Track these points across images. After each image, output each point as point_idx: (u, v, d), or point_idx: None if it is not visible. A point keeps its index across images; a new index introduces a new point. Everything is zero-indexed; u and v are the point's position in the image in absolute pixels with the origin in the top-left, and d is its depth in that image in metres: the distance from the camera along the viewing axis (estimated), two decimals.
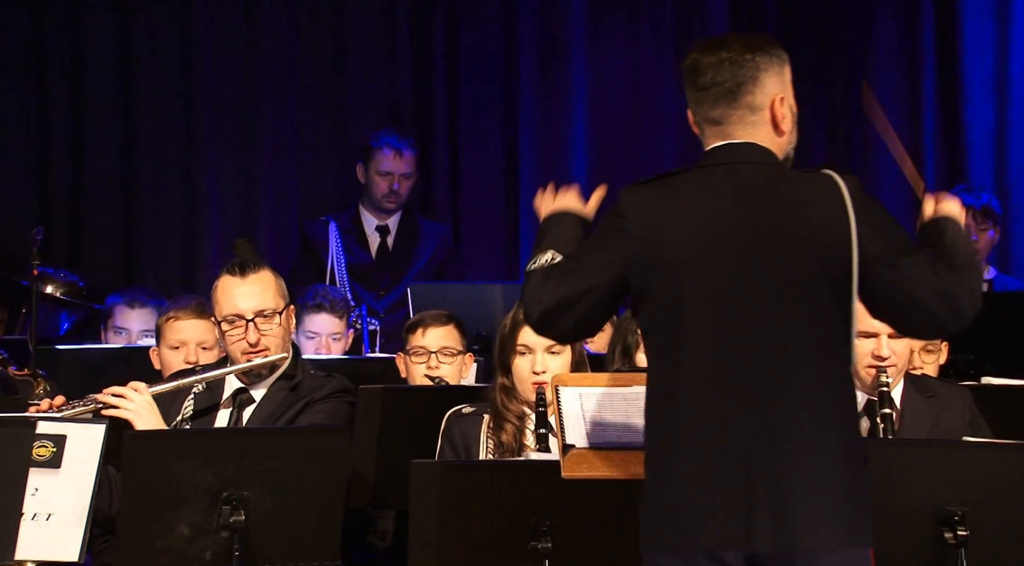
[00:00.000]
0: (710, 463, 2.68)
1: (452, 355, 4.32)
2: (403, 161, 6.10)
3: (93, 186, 6.18)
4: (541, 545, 3.38)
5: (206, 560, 3.39)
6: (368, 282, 6.00)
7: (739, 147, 2.78)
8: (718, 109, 2.79)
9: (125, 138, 6.22)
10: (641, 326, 2.83)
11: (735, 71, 2.77)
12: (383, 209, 6.15)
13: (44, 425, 3.34)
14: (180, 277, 6.17)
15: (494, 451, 3.77)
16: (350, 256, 5.92)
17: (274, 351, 3.79)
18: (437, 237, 6.24)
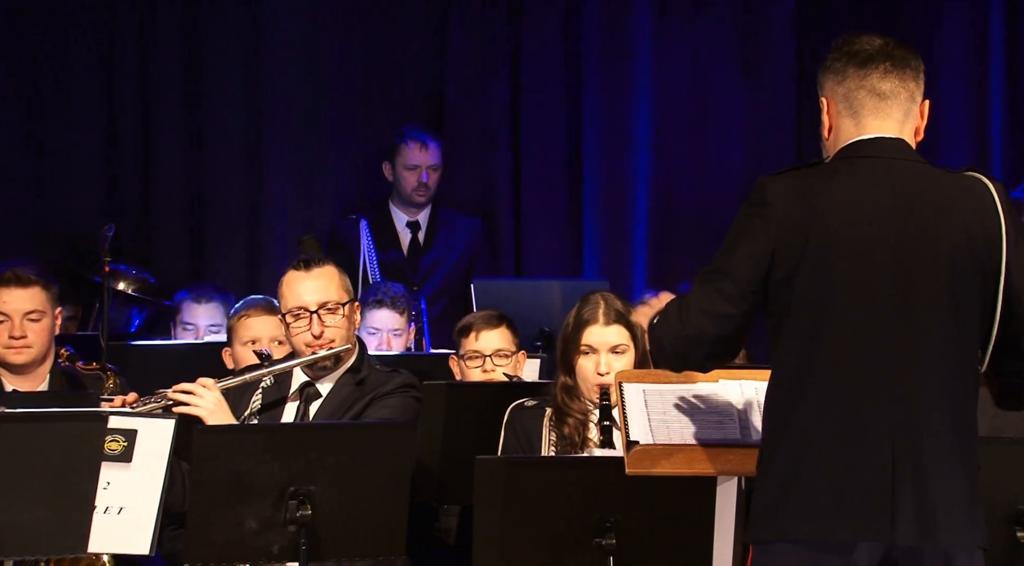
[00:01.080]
0: (853, 454, 2.64)
1: (506, 357, 4.34)
2: (429, 153, 6.11)
3: (162, 185, 6.27)
4: (605, 541, 3.38)
5: (273, 554, 3.43)
6: (400, 278, 6.03)
7: (890, 142, 2.74)
8: (887, 82, 2.72)
9: (192, 138, 6.30)
10: (774, 315, 2.73)
11: (907, 55, 2.76)
12: (413, 203, 6.16)
13: (115, 420, 3.39)
14: (246, 274, 6.24)
15: (556, 444, 3.77)
16: (382, 254, 5.95)
17: (338, 344, 3.83)
18: (468, 230, 6.24)
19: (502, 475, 3.45)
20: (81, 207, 6.15)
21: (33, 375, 4.23)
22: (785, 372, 2.72)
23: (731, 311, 2.70)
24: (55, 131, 6.17)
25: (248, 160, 6.34)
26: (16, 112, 6.13)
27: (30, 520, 3.17)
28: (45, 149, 6.16)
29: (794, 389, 2.70)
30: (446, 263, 6.14)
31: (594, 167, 6.53)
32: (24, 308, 4.18)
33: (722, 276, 2.72)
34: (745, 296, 2.70)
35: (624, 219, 6.55)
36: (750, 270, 2.70)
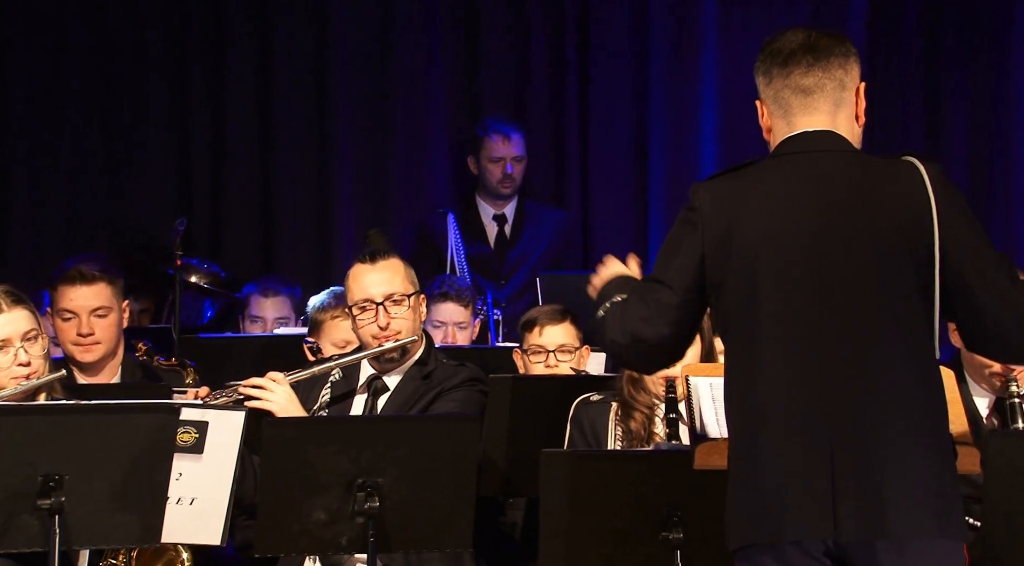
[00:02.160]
0: (793, 453, 2.63)
1: (569, 352, 4.34)
2: (512, 144, 6.11)
3: (232, 179, 6.33)
4: (673, 535, 3.37)
5: (342, 545, 3.46)
6: (488, 272, 6.04)
7: (816, 135, 2.73)
8: (810, 77, 2.72)
9: (262, 133, 6.36)
10: (716, 319, 2.77)
11: (830, 44, 2.73)
12: (499, 196, 6.17)
13: (187, 412, 3.44)
14: (315, 267, 6.30)
15: (622, 439, 3.77)
16: (469, 247, 5.96)
17: (404, 336, 3.85)
18: (555, 223, 6.24)
19: (568, 468, 3.45)
20: (153, 201, 6.23)
21: (104, 370, 4.28)
22: (730, 373, 2.71)
23: (668, 318, 2.72)
24: (128, 126, 6.26)
25: (317, 154, 6.38)
26: (91, 107, 6.23)
27: (105, 510, 3.23)
28: (118, 143, 6.25)
29: (741, 397, 2.69)
30: (532, 256, 6.14)
31: (660, 160, 6.50)
32: (90, 305, 4.21)
33: (658, 286, 2.74)
34: (681, 304, 2.72)
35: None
36: (684, 277, 2.72)
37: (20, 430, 3.18)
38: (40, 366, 3.52)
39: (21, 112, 6.16)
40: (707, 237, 2.70)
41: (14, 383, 3.48)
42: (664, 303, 2.73)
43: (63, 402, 3.48)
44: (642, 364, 2.88)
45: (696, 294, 2.72)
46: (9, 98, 6.15)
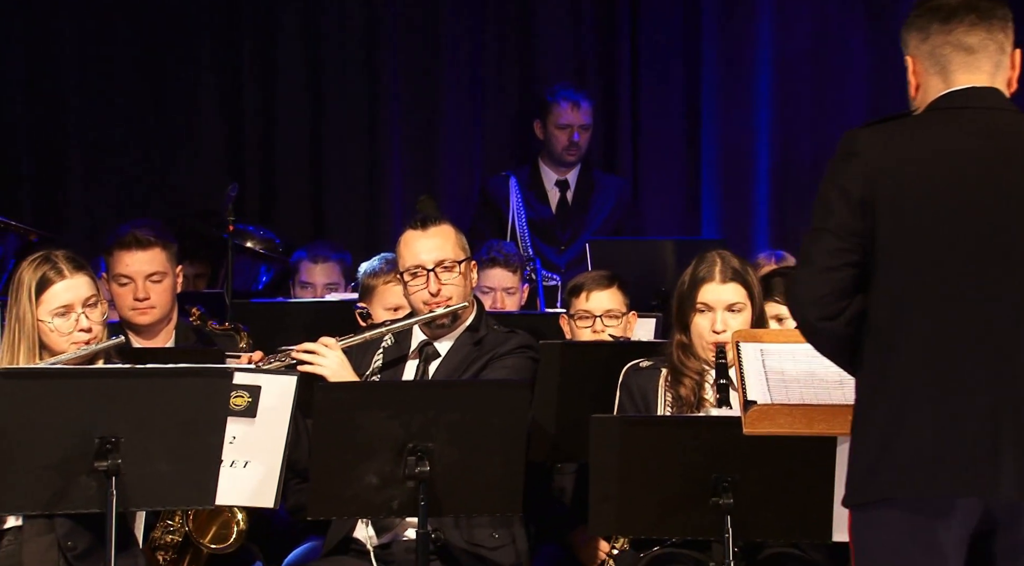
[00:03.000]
0: (953, 408, 2.58)
1: (616, 318, 4.33)
2: (580, 112, 6.10)
3: (283, 144, 6.37)
4: (723, 500, 3.37)
5: (393, 509, 3.49)
6: (549, 237, 6.03)
7: (981, 91, 2.68)
8: (973, 36, 2.66)
9: (313, 99, 6.38)
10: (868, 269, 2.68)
11: (992, 5, 2.69)
12: (563, 163, 6.16)
13: (240, 376, 3.47)
14: (365, 234, 6.32)
15: (672, 405, 3.76)
16: (530, 211, 5.96)
17: (455, 301, 3.86)
18: (616, 191, 6.22)
19: (617, 434, 3.46)
20: (205, 167, 6.28)
21: (159, 334, 4.33)
22: (876, 329, 2.65)
23: (834, 263, 2.64)
24: (180, 92, 6.31)
25: (367, 120, 6.40)
26: (143, 75, 6.27)
27: (160, 473, 3.27)
28: (171, 110, 6.30)
29: (886, 346, 2.64)
30: (594, 222, 6.14)
31: (712, 123, 6.45)
32: (146, 270, 4.25)
33: (823, 232, 2.67)
34: (850, 249, 2.65)
35: (743, 176, 6.47)
36: (848, 221, 2.65)
37: (78, 393, 3.23)
38: (100, 332, 3.56)
39: (75, 81, 6.22)
40: (869, 180, 2.64)
41: (74, 348, 3.52)
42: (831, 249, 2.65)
43: (119, 366, 3.52)
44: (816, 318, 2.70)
45: (862, 238, 2.65)
46: (63, 66, 6.21)
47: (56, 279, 3.52)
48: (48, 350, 3.52)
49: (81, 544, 3.45)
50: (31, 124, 6.18)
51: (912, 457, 2.60)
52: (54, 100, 6.20)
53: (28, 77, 6.16)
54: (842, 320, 2.66)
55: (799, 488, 3.36)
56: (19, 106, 6.15)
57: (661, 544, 3.69)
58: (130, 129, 6.26)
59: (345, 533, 3.79)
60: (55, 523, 3.45)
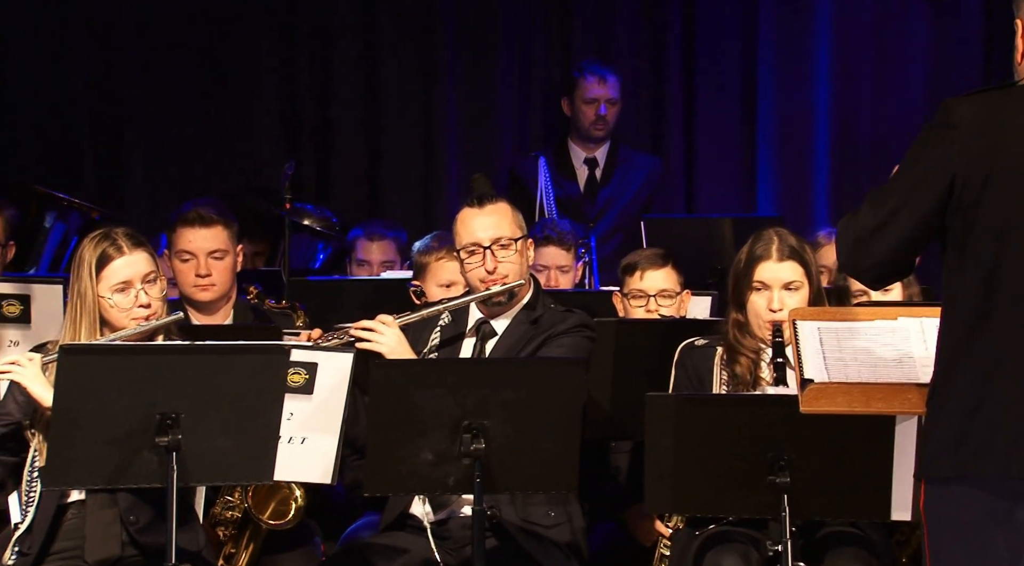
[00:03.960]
0: None
1: (670, 297, 4.31)
2: (607, 86, 6.07)
3: (339, 122, 6.40)
4: (780, 479, 3.36)
5: (449, 485, 3.50)
6: (577, 215, 6.01)
7: None
8: None
9: (368, 78, 6.40)
10: (952, 243, 2.62)
11: None
12: (591, 138, 6.14)
13: (297, 353, 3.50)
14: (420, 211, 6.34)
15: (728, 383, 3.75)
16: (559, 189, 5.95)
17: (512, 279, 3.87)
18: (646, 168, 6.19)
19: (673, 412, 3.45)
20: (263, 145, 6.33)
21: (218, 311, 4.37)
22: (965, 303, 2.61)
23: (899, 231, 2.61)
24: (238, 70, 6.35)
25: (423, 98, 6.41)
26: (203, 53, 6.32)
27: (219, 449, 3.30)
28: (228, 88, 6.35)
29: (975, 320, 2.59)
30: (621, 200, 6.12)
31: (769, 99, 6.39)
32: (208, 247, 4.31)
33: (893, 195, 2.62)
34: (916, 216, 2.61)
35: (801, 153, 6.40)
36: (925, 191, 2.60)
37: (139, 369, 3.26)
38: (159, 307, 3.59)
39: (136, 60, 6.28)
40: (964, 155, 2.58)
41: (134, 324, 3.55)
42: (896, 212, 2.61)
43: (180, 342, 3.55)
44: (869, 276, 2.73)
45: (933, 209, 2.60)
46: (124, 46, 6.27)
47: (116, 256, 3.56)
48: (109, 326, 3.56)
49: (143, 518, 3.50)
50: (93, 103, 6.25)
51: (994, 435, 2.55)
52: (115, 80, 6.27)
53: (90, 57, 6.24)
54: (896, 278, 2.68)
55: (857, 467, 3.34)
56: (81, 86, 6.23)
57: (717, 522, 3.68)
58: (189, 108, 6.31)
59: (402, 509, 3.82)
60: (118, 498, 3.50)
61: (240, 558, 3.91)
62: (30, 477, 3.50)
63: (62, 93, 6.20)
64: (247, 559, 3.91)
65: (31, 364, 3.43)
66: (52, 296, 3.79)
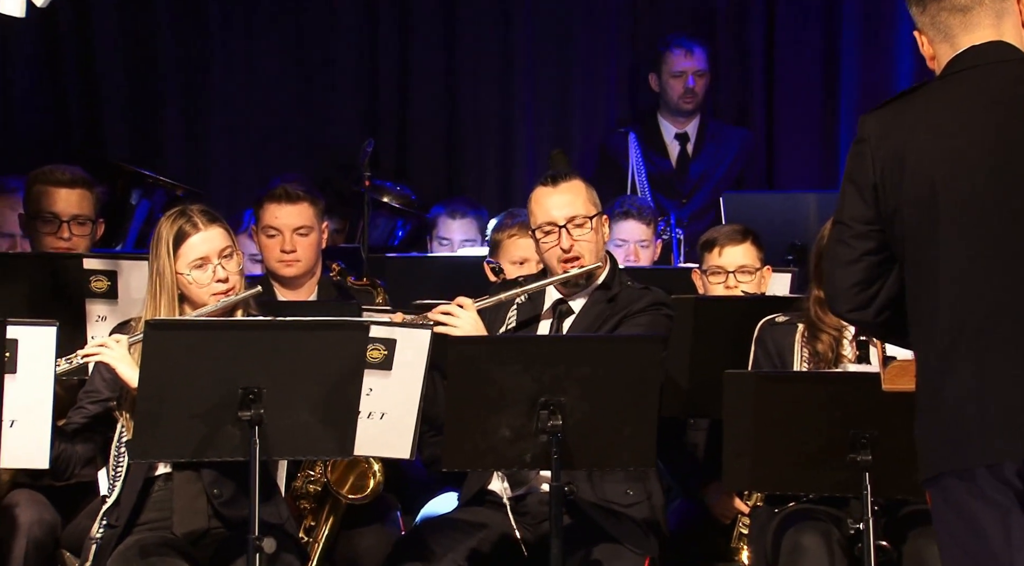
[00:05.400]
0: (981, 374, 2.53)
1: (750, 273, 4.27)
2: (694, 58, 6.01)
3: (418, 100, 6.43)
4: (861, 457, 3.33)
5: (526, 461, 3.51)
6: (670, 191, 5.98)
7: (983, 48, 2.60)
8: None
9: (447, 56, 6.42)
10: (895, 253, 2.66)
11: None
12: (681, 112, 6.09)
13: (376, 329, 3.51)
14: (498, 188, 6.35)
15: (809, 360, 3.71)
16: (651, 165, 5.91)
17: (587, 258, 3.84)
18: (738, 142, 6.13)
19: (752, 390, 3.43)
20: (343, 122, 6.37)
21: (302, 287, 4.42)
22: (912, 304, 2.61)
23: (852, 256, 2.64)
24: (319, 49, 6.41)
25: (501, 75, 6.41)
26: (283, 32, 6.38)
27: (300, 423, 3.34)
28: (309, 67, 6.40)
29: (923, 319, 2.59)
30: (714, 175, 6.07)
31: (852, 72, 6.29)
32: (294, 223, 4.35)
33: (840, 226, 2.67)
34: (861, 237, 2.63)
35: None
36: (860, 210, 2.63)
37: (223, 344, 3.31)
38: (237, 282, 3.63)
39: (219, 40, 6.36)
40: (878, 165, 2.63)
41: (213, 299, 3.60)
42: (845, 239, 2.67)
43: (261, 318, 3.59)
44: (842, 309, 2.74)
45: (875, 226, 2.65)
46: (206, 24, 6.35)
47: (192, 232, 3.60)
48: (188, 302, 3.61)
49: (227, 492, 3.56)
50: (178, 84, 6.34)
51: (949, 428, 2.56)
52: (200, 61, 6.35)
53: (175, 39, 6.33)
54: (872, 310, 2.66)
55: None
56: (167, 67, 6.32)
57: (797, 500, 3.65)
58: (271, 86, 6.38)
59: (481, 485, 3.84)
60: (202, 472, 3.56)
61: (320, 531, 3.96)
62: (117, 452, 3.58)
63: (148, 74, 6.30)
64: (327, 532, 3.96)
65: (118, 346, 3.50)
66: (138, 272, 3.86)
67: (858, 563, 3.41)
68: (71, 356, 3.48)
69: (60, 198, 4.44)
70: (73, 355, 3.49)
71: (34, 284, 3.90)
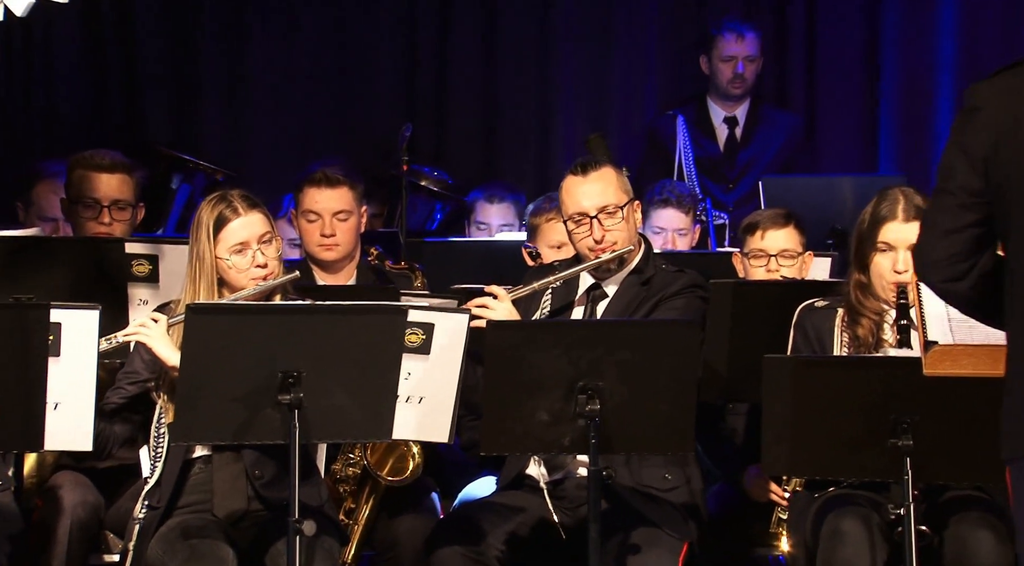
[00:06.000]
0: None
1: (792, 257, 4.24)
2: (745, 43, 5.97)
3: (456, 84, 6.42)
4: (901, 442, 3.31)
5: (564, 445, 3.52)
6: (716, 175, 5.95)
7: None
8: None
9: (485, 40, 6.42)
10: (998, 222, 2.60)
11: None
12: (730, 96, 6.05)
13: (414, 314, 3.52)
14: (536, 173, 6.34)
15: (849, 345, 3.69)
16: (698, 149, 5.88)
17: (620, 245, 3.84)
18: (787, 127, 6.09)
19: (791, 374, 3.41)
20: (381, 107, 6.38)
21: (342, 271, 4.44)
22: (1015, 284, 2.54)
23: (955, 225, 2.58)
24: (357, 34, 6.42)
25: (540, 59, 6.40)
26: (323, 17, 6.40)
27: (339, 407, 3.36)
28: (348, 51, 6.42)
29: None
30: (762, 160, 6.03)
31: (893, 55, 6.22)
32: (334, 207, 4.37)
33: (944, 194, 2.60)
34: (967, 208, 2.57)
35: (926, 110, 6.24)
36: (970, 180, 2.56)
37: (262, 328, 3.33)
38: (275, 267, 3.65)
39: (259, 24, 6.38)
40: (991, 136, 2.56)
41: (252, 284, 3.62)
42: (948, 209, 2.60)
43: (300, 302, 3.61)
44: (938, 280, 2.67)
45: (981, 197, 2.58)
46: (246, 9, 6.38)
47: (232, 217, 3.62)
48: (227, 286, 3.63)
49: (267, 473, 3.58)
50: (217, 68, 6.38)
51: None
52: (239, 45, 6.38)
53: (215, 22, 6.35)
54: (967, 282, 2.60)
55: (982, 430, 3.26)
56: (206, 51, 6.35)
57: (837, 485, 3.63)
58: (310, 72, 6.40)
59: (519, 470, 3.84)
60: (243, 453, 3.59)
61: (360, 513, 3.98)
62: (157, 433, 3.61)
63: (189, 59, 6.34)
64: (367, 515, 3.99)
65: (157, 326, 3.52)
66: (179, 256, 3.88)
67: (898, 548, 3.39)
68: (111, 336, 3.51)
69: (101, 183, 4.48)
70: (112, 335, 3.52)
71: (76, 268, 3.93)
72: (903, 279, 3.60)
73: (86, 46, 6.26)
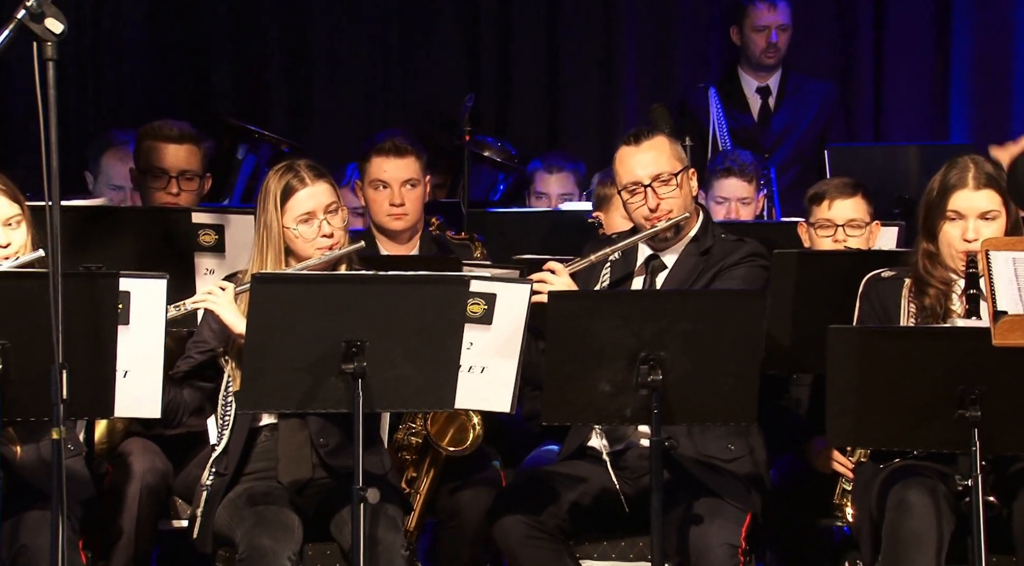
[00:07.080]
0: None
1: (859, 227, 4.20)
2: (777, 12, 5.90)
3: (519, 54, 6.41)
4: (970, 413, 3.27)
5: (626, 416, 3.52)
6: (752, 145, 5.88)
7: None
8: None
9: (548, 10, 6.39)
10: None
11: None
12: (762, 67, 5.98)
13: (476, 284, 3.54)
14: (599, 143, 6.32)
15: (916, 315, 3.65)
16: (732, 120, 5.82)
17: (676, 213, 3.81)
18: (821, 95, 6.01)
19: (857, 345, 3.38)
20: (443, 77, 6.39)
21: (407, 241, 4.46)
22: None
23: None
24: (420, 4, 6.42)
25: (602, 29, 6.37)
26: None
27: (402, 376, 3.38)
28: (411, 22, 6.42)
29: None
30: (797, 129, 5.98)
31: (965, 20, 6.11)
32: (402, 176, 4.38)
33: None
34: None
35: (998, 76, 6.12)
36: None
37: (327, 298, 3.36)
38: (341, 237, 3.67)
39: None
40: None
41: (318, 253, 3.65)
42: None
43: (364, 273, 3.63)
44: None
45: None
46: None
47: (299, 187, 3.64)
48: (294, 256, 3.67)
49: (332, 442, 3.62)
50: (283, 40, 6.42)
51: None
52: (303, 18, 6.41)
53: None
54: None
55: None
56: (272, 24, 6.40)
57: (903, 456, 3.60)
58: (373, 42, 6.42)
59: (580, 441, 3.85)
60: (308, 421, 3.63)
61: (422, 482, 4.01)
62: (224, 401, 3.66)
63: (254, 31, 6.38)
64: (428, 484, 4.02)
65: (224, 294, 3.57)
66: (245, 226, 3.93)
67: (965, 519, 3.36)
68: (179, 303, 3.56)
69: (169, 153, 4.53)
70: (181, 302, 3.57)
71: (144, 237, 3.98)
72: (972, 248, 3.54)
73: (154, 19, 6.32)
